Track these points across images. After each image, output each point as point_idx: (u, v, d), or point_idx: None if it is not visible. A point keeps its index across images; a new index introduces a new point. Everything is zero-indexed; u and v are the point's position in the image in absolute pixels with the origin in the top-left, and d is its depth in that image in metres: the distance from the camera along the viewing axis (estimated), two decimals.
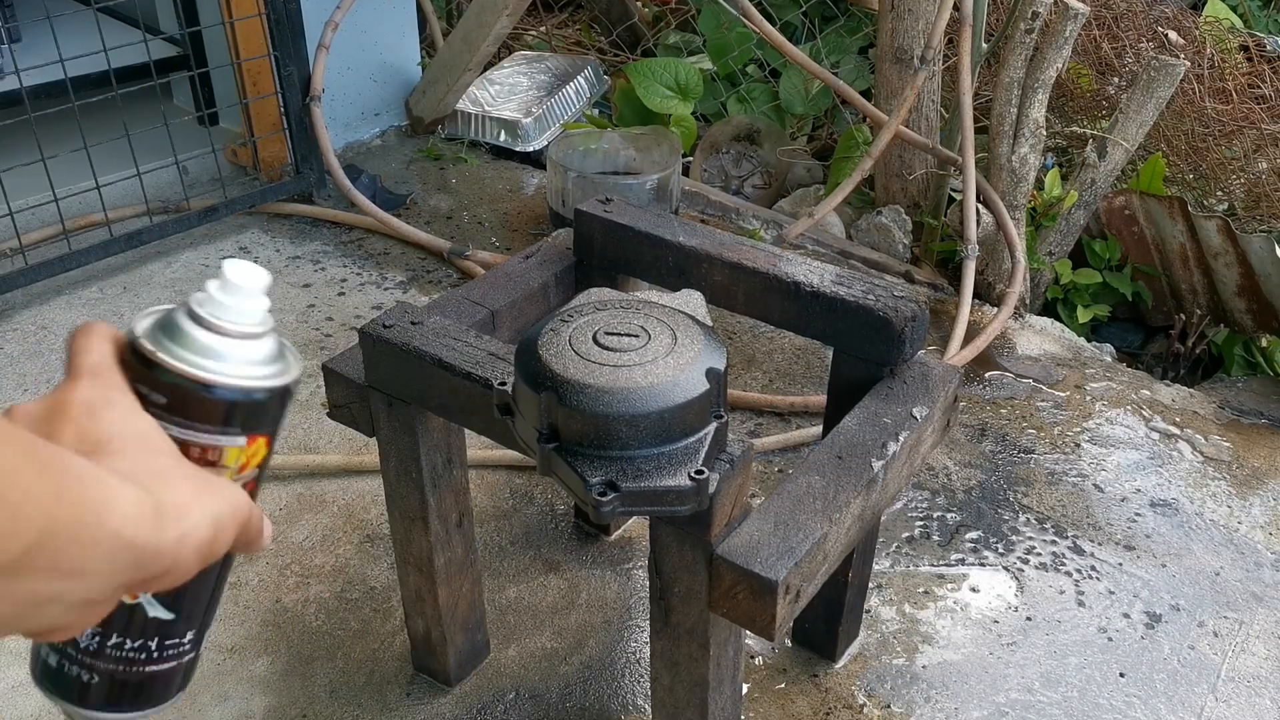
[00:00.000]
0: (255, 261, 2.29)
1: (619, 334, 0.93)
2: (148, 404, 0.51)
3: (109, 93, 2.14)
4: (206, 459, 0.53)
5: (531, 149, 2.76)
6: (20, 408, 0.49)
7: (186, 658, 0.58)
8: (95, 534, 0.44)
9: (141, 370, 0.52)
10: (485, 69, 2.86)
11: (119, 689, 0.56)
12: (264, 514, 0.55)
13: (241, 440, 0.54)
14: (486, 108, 2.77)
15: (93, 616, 0.47)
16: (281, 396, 0.55)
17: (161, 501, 0.47)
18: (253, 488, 0.57)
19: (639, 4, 3.42)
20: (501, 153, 2.80)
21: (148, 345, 0.52)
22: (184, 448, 0.52)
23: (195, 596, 0.57)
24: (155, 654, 0.56)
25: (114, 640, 0.55)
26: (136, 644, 0.56)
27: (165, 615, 0.56)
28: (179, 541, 0.47)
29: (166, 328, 0.53)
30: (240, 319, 0.54)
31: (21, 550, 0.41)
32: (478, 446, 1.75)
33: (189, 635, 0.58)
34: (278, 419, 0.56)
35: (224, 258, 2.29)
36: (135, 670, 0.56)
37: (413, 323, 1.13)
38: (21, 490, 0.41)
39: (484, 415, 1.06)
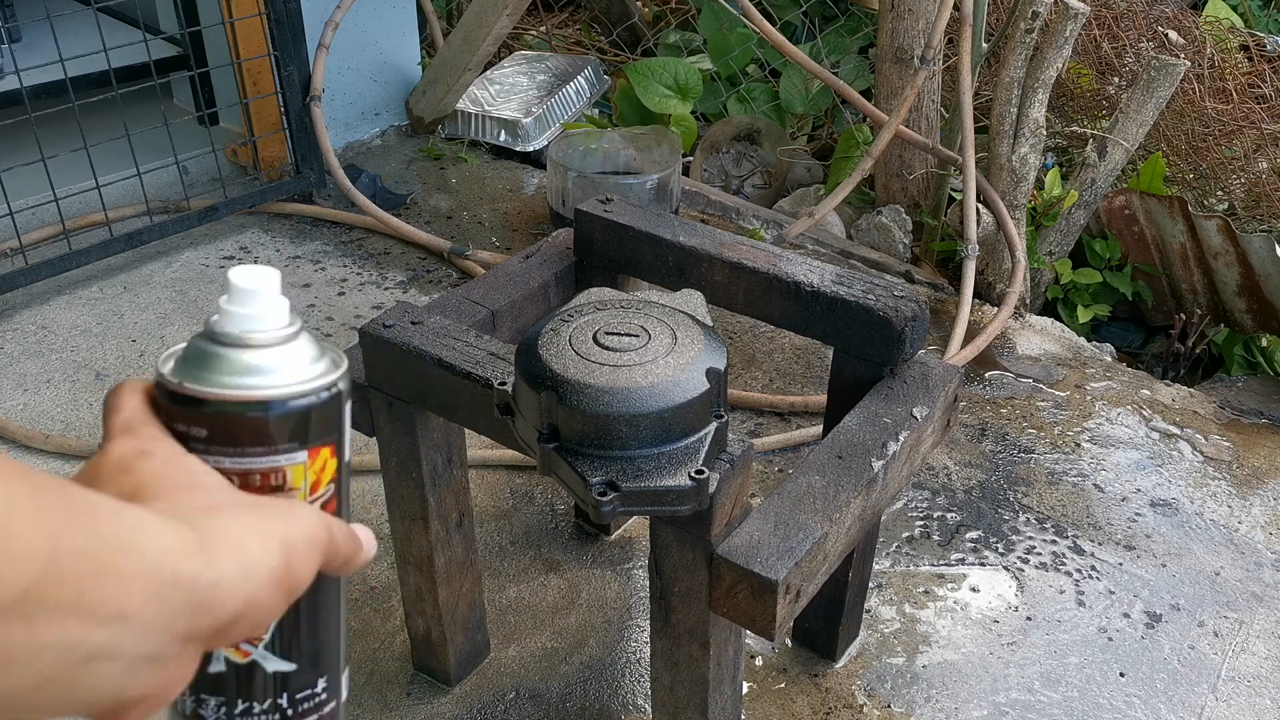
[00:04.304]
0: (255, 261, 2.30)
1: (619, 334, 0.93)
2: (191, 443, 0.47)
3: (109, 92, 2.14)
4: (270, 485, 0.49)
5: (531, 149, 2.76)
6: None
7: (327, 708, 0.53)
8: (128, 566, 0.38)
9: (178, 410, 0.47)
10: (485, 69, 2.86)
11: None
12: (357, 525, 0.51)
13: (303, 456, 0.49)
14: (487, 107, 2.77)
15: (166, 681, 0.41)
16: (334, 397, 0.50)
17: (211, 535, 0.42)
18: (334, 506, 0.52)
19: (639, 4, 3.42)
20: (501, 152, 2.80)
21: (179, 381, 0.47)
22: (243, 479, 0.48)
23: (307, 637, 0.51)
24: (290, 712, 0.51)
25: (241, 708, 0.50)
26: (266, 705, 0.51)
27: (285, 666, 0.51)
28: (244, 575, 0.42)
29: (194, 359, 0.48)
30: (264, 325, 0.49)
31: (26, 585, 0.36)
32: (478, 446, 1.75)
33: (320, 683, 0.52)
34: (337, 424, 0.51)
35: (225, 258, 2.30)
36: None
37: (413, 322, 1.13)
38: (12, 516, 0.36)
39: (484, 415, 1.06)
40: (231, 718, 0.50)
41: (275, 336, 0.49)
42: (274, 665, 0.50)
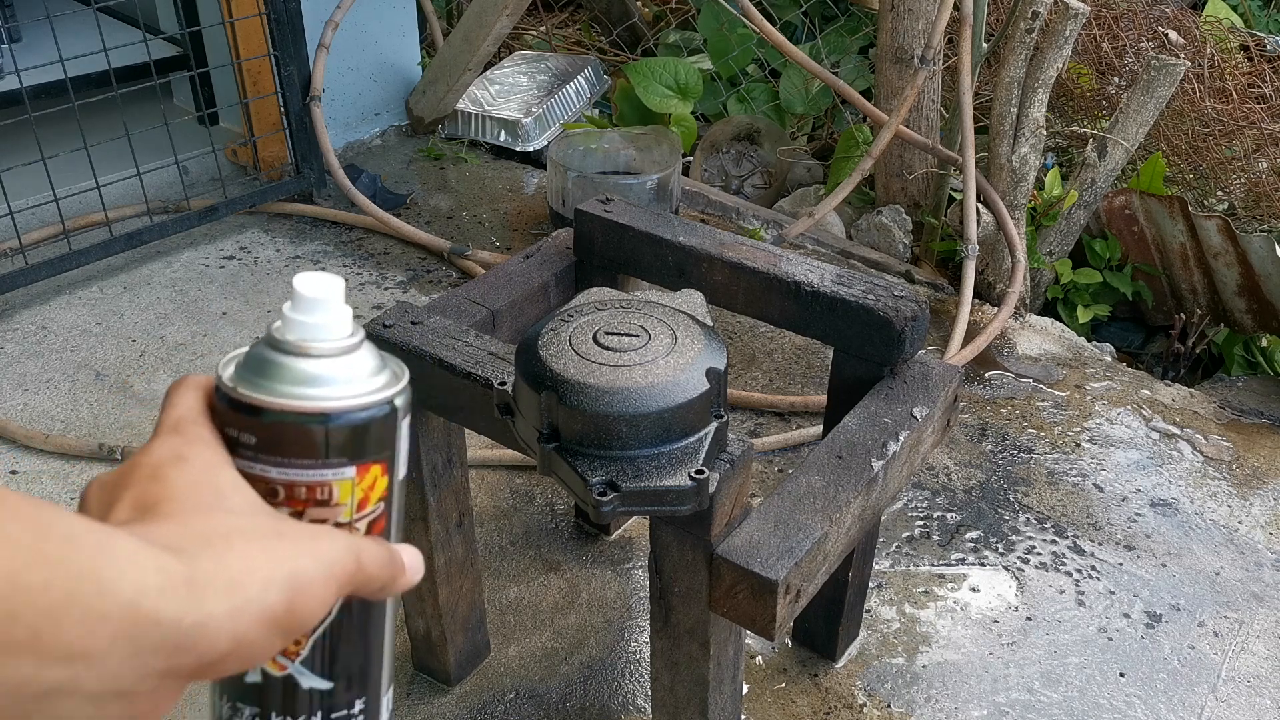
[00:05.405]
0: (255, 261, 2.30)
1: (619, 334, 0.93)
2: (240, 449, 0.46)
3: (109, 92, 2.14)
4: (315, 499, 0.47)
5: (531, 149, 2.76)
6: (97, 478, 0.44)
7: None
8: (98, 605, 0.36)
9: (232, 414, 0.47)
10: (485, 68, 2.86)
11: None
12: (404, 547, 0.49)
13: (351, 472, 0.47)
14: (487, 107, 2.77)
15: (140, 712, 0.39)
16: (390, 413, 0.48)
17: (203, 570, 0.39)
18: (383, 526, 0.50)
19: (639, 4, 3.42)
20: (501, 152, 2.80)
21: (234, 386, 0.47)
22: (288, 490, 0.47)
23: (346, 658, 0.49)
24: None
25: None
26: None
27: (322, 685, 0.49)
28: (233, 615, 0.39)
29: (253, 365, 0.47)
30: (326, 334, 0.47)
31: None
32: (478, 446, 1.75)
33: (358, 705, 0.50)
34: (391, 441, 0.49)
35: (225, 258, 2.30)
36: None
37: (413, 322, 1.13)
38: None
39: (484, 415, 1.06)
40: None
41: (336, 347, 0.47)
42: (310, 682, 0.49)
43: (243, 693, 0.48)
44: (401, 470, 0.50)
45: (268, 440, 0.46)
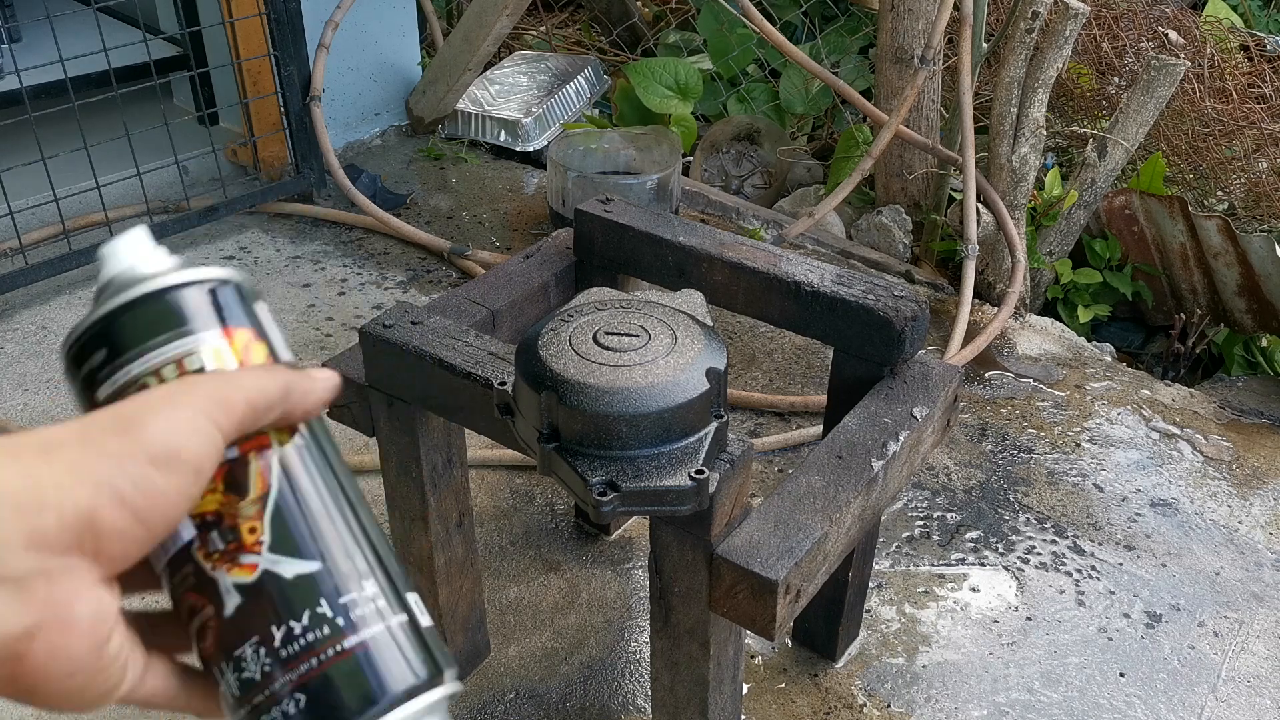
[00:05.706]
0: (255, 261, 2.30)
1: (619, 334, 0.93)
2: (100, 373, 0.45)
3: (109, 92, 2.14)
4: (187, 372, 0.44)
5: (531, 149, 2.76)
6: None
7: (392, 619, 0.43)
8: None
9: (85, 356, 0.45)
10: (485, 68, 2.86)
11: (334, 693, 0.42)
12: (315, 369, 0.46)
13: (214, 334, 0.45)
14: (487, 107, 2.77)
15: (45, 603, 0.37)
16: (235, 286, 0.47)
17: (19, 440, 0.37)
18: None
19: (639, 4, 3.42)
20: (501, 152, 2.80)
21: (86, 323, 0.46)
22: (158, 376, 0.44)
23: (320, 526, 0.43)
24: (340, 622, 0.42)
25: (280, 636, 0.42)
26: (306, 620, 0.42)
27: (307, 566, 0.42)
28: (71, 484, 0.37)
29: (88, 315, 0.47)
30: (149, 260, 0.47)
31: None
32: (478, 446, 1.75)
33: (368, 585, 0.43)
34: (249, 311, 0.47)
35: (225, 257, 2.30)
36: (332, 654, 0.42)
37: (413, 322, 1.13)
38: None
39: (484, 415, 1.06)
40: (276, 656, 0.42)
41: (162, 265, 0.47)
42: (293, 568, 0.42)
43: (233, 632, 0.43)
44: (283, 352, 0.47)
45: (120, 341, 0.44)
